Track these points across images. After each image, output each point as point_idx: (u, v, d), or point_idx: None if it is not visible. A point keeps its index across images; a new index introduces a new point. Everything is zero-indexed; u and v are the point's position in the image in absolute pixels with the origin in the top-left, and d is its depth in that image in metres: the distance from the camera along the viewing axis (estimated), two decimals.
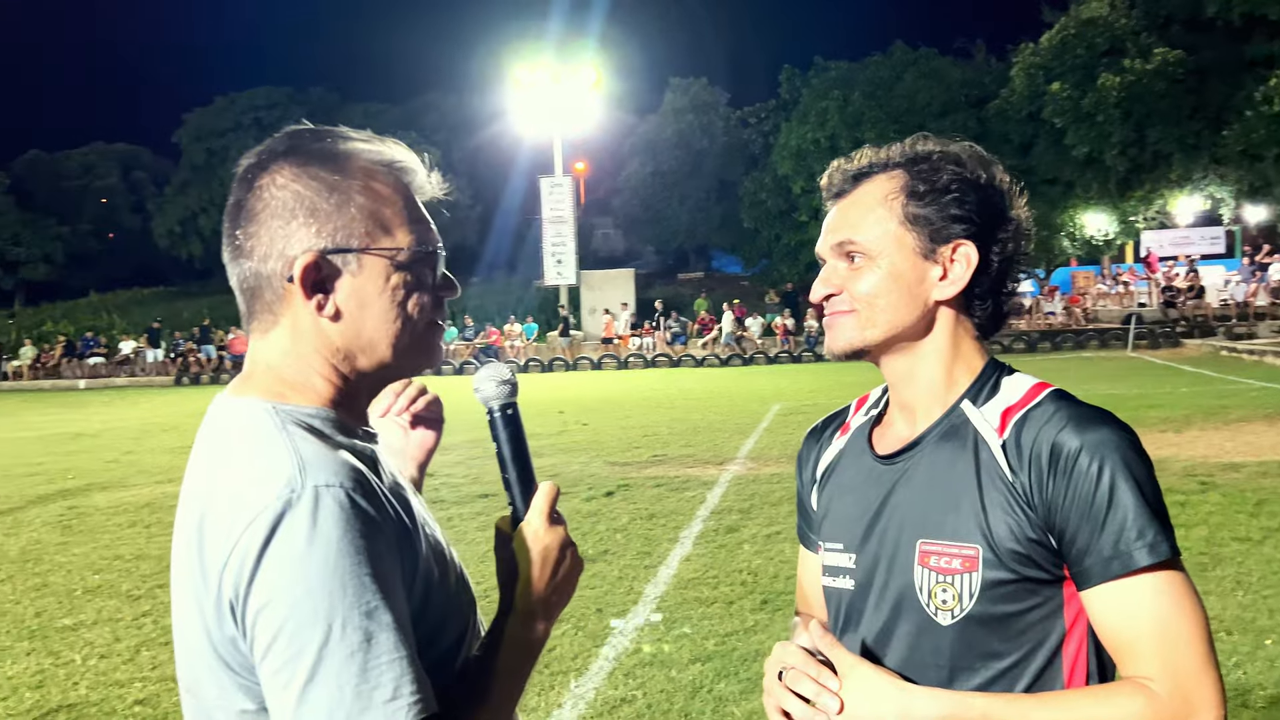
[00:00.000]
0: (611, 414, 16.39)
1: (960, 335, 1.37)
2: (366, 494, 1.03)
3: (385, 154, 1.17)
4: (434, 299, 1.18)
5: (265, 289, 1.13)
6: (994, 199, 1.36)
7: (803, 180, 37.42)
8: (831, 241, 1.38)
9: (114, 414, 21.17)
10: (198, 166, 51.85)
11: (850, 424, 1.53)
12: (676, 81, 45.12)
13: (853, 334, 1.36)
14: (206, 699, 1.08)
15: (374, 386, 1.20)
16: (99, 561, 7.15)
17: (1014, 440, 1.28)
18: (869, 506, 1.39)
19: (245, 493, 1.01)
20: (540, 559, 1.17)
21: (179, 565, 1.11)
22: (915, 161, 1.36)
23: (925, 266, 1.33)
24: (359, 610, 0.96)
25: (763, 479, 9.43)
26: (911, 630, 1.31)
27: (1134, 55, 31.79)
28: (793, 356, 30.90)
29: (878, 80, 37.83)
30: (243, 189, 1.14)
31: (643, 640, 5.06)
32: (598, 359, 31.88)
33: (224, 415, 1.13)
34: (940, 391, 1.37)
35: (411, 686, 0.98)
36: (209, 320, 37.67)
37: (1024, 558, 1.24)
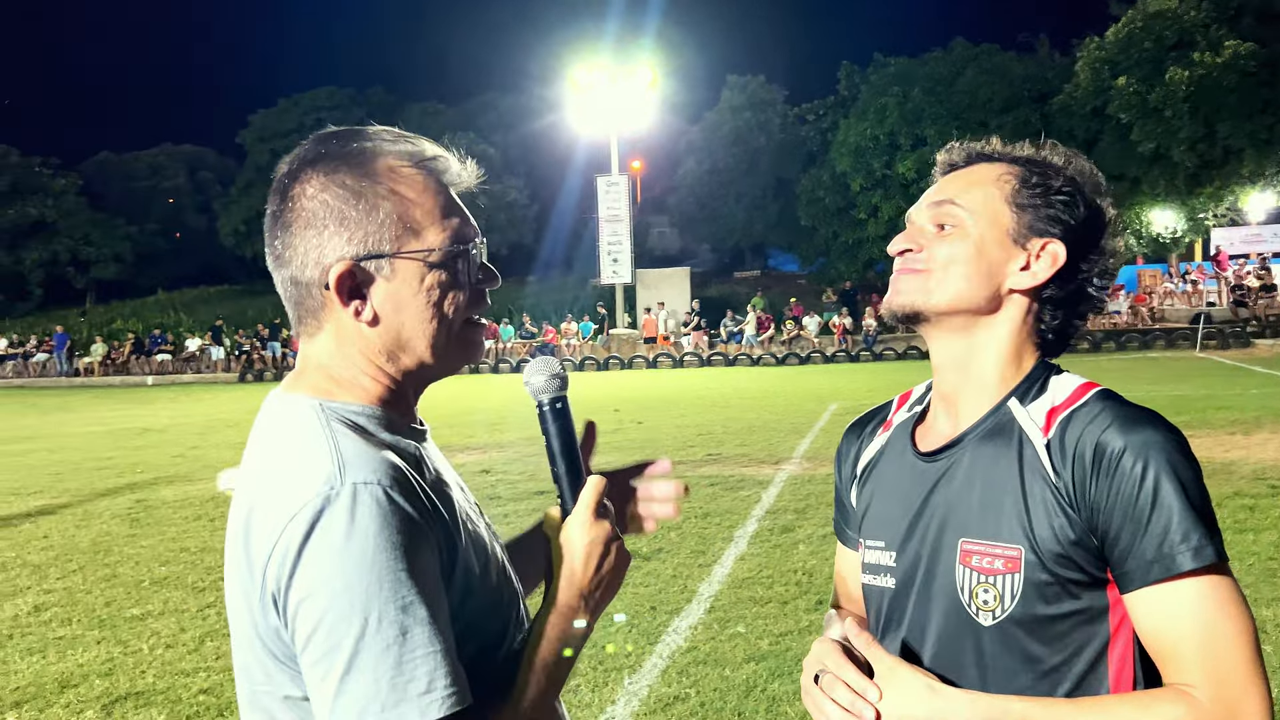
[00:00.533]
0: (666, 412, 16.39)
1: (1022, 334, 1.35)
2: (405, 491, 1.05)
3: (413, 151, 1.18)
4: (471, 294, 1.19)
5: (306, 296, 1.16)
6: (1097, 222, 1.36)
7: (861, 177, 37.10)
8: (929, 201, 1.38)
9: (180, 410, 21.68)
10: (261, 167, 52.74)
11: (893, 420, 1.51)
12: (734, 79, 44.99)
13: (917, 294, 1.34)
14: (255, 683, 1.12)
15: (419, 383, 1.22)
16: (166, 554, 7.33)
17: (1058, 440, 1.26)
18: (911, 504, 1.37)
19: (288, 489, 1.04)
20: (584, 553, 1.18)
21: (230, 556, 1.14)
22: (1031, 162, 1.37)
23: (1011, 251, 1.33)
24: (394, 605, 0.99)
25: (818, 479, 9.37)
26: (952, 630, 1.30)
27: (1204, 48, 31.01)
28: (850, 356, 30.65)
29: (938, 76, 37.35)
30: (277, 199, 1.17)
31: (697, 639, 5.06)
32: (653, 357, 31.89)
33: (275, 412, 1.16)
34: (988, 386, 1.35)
35: (446, 680, 1.00)
36: (278, 319, 38.37)
37: (1067, 560, 1.22)
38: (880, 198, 37.16)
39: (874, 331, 31.75)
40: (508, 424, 14.94)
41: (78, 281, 54.70)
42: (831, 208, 39.17)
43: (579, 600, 1.17)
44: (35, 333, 41.10)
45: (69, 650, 5.18)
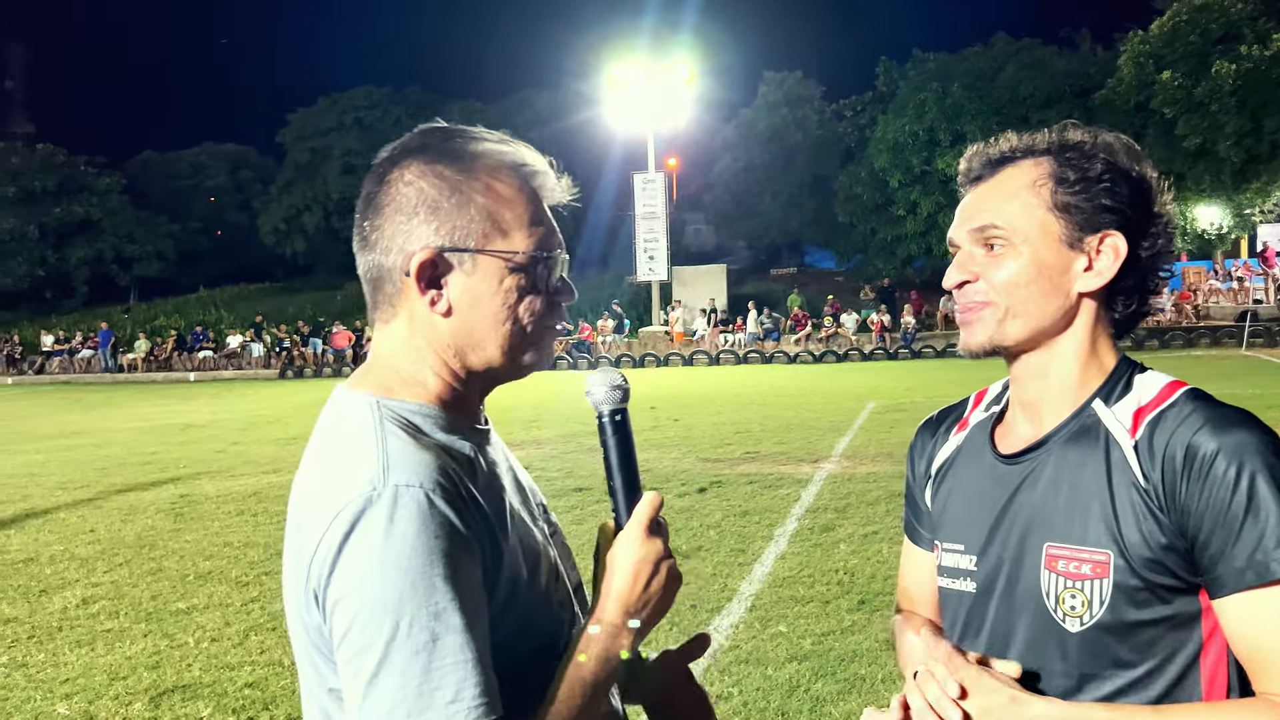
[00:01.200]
0: (703, 410, 16.35)
1: (1098, 332, 1.31)
2: (448, 495, 1.04)
3: (514, 156, 1.19)
4: (548, 303, 1.19)
5: (386, 281, 1.17)
6: (1145, 192, 1.30)
7: (900, 174, 36.78)
8: (969, 226, 1.32)
9: (221, 406, 21.94)
10: (301, 165, 53.33)
11: (969, 420, 1.48)
12: (770, 75, 44.80)
13: (992, 329, 1.30)
14: (308, 676, 1.14)
15: (485, 385, 1.21)
16: (209, 548, 7.41)
17: (1147, 441, 1.22)
18: (992, 507, 1.34)
19: (334, 488, 1.05)
20: (633, 570, 1.15)
21: (286, 551, 1.15)
22: (1064, 149, 1.30)
23: (1070, 256, 1.28)
24: (427, 610, 0.99)
25: (858, 478, 9.30)
26: (1037, 636, 1.26)
27: (1251, 41, 30.45)
28: (888, 353, 30.42)
29: (978, 72, 36.96)
30: (374, 182, 1.18)
31: (739, 638, 5.03)
32: (689, 355, 31.85)
33: (335, 408, 1.17)
34: (1071, 390, 1.31)
35: (474, 690, 0.99)
36: (320, 316, 38.77)
37: (1157, 564, 1.19)
38: (919, 194, 36.83)
39: (912, 329, 31.50)
40: (544, 421, 14.97)
41: (121, 279, 55.54)
42: (869, 204, 38.88)
43: (622, 617, 1.14)
44: (80, 330, 41.79)
45: (117, 643, 5.25)
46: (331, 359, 34.73)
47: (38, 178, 52.47)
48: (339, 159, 51.96)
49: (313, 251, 53.91)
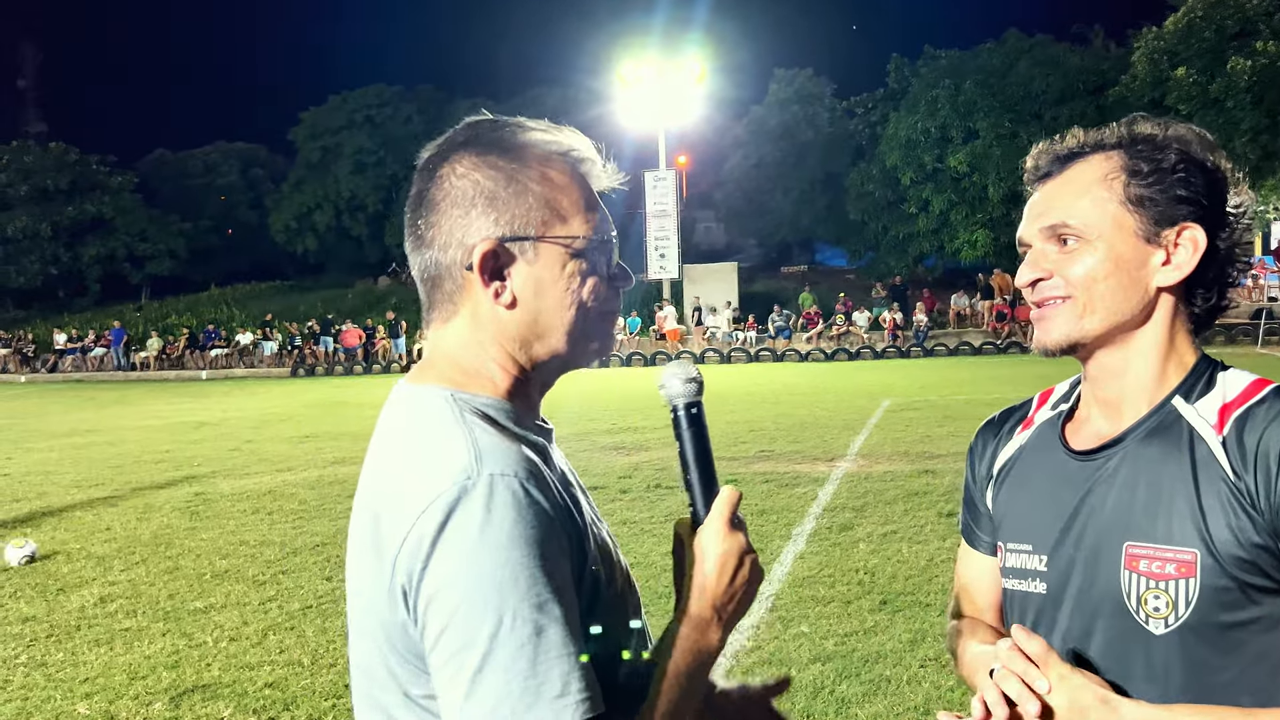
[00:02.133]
0: (716, 409, 16.27)
1: (1177, 327, 1.27)
2: (540, 485, 1.02)
3: (562, 143, 1.18)
4: (610, 288, 1.18)
5: (445, 278, 1.15)
6: (1220, 183, 1.26)
7: (912, 171, 36.65)
8: (1040, 225, 1.29)
9: (234, 404, 21.97)
10: (312, 164, 53.39)
11: (1034, 419, 1.44)
12: (781, 73, 44.70)
13: (1070, 325, 1.26)
14: (375, 681, 1.10)
15: (548, 376, 1.20)
16: (225, 546, 7.40)
17: (1235, 438, 1.18)
18: (1064, 506, 1.30)
19: (422, 479, 1.01)
20: (718, 564, 1.14)
21: (355, 548, 1.12)
22: (1135, 142, 1.26)
23: (1147, 250, 1.24)
24: (529, 602, 0.95)
25: (875, 477, 9.24)
26: (1117, 638, 1.22)
27: (1267, 37, 30.20)
28: (901, 352, 30.33)
29: (990, 68, 36.79)
30: (424, 179, 1.16)
31: (760, 638, 4.99)
32: (700, 353, 31.79)
33: (404, 402, 1.14)
34: (1150, 387, 1.27)
35: (580, 684, 0.96)
36: (330, 314, 38.82)
37: (1248, 564, 1.15)
38: (931, 191, 36.68)
39: (925, 327, 31.39)
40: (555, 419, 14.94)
41: (134, 277, 55.69)
42: (881, 202, 38.75)
43: (711, 612, 1.12)
44: (93, 328, 41.93)
45: (135, 642, 5.24)
46: (343, 357, 34.77)
47: (50, 177, 52.61)
48: (350, 157, 52.02)
49: (323, 250, 53.99)
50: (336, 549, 7.16)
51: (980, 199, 35.92)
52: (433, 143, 1.19)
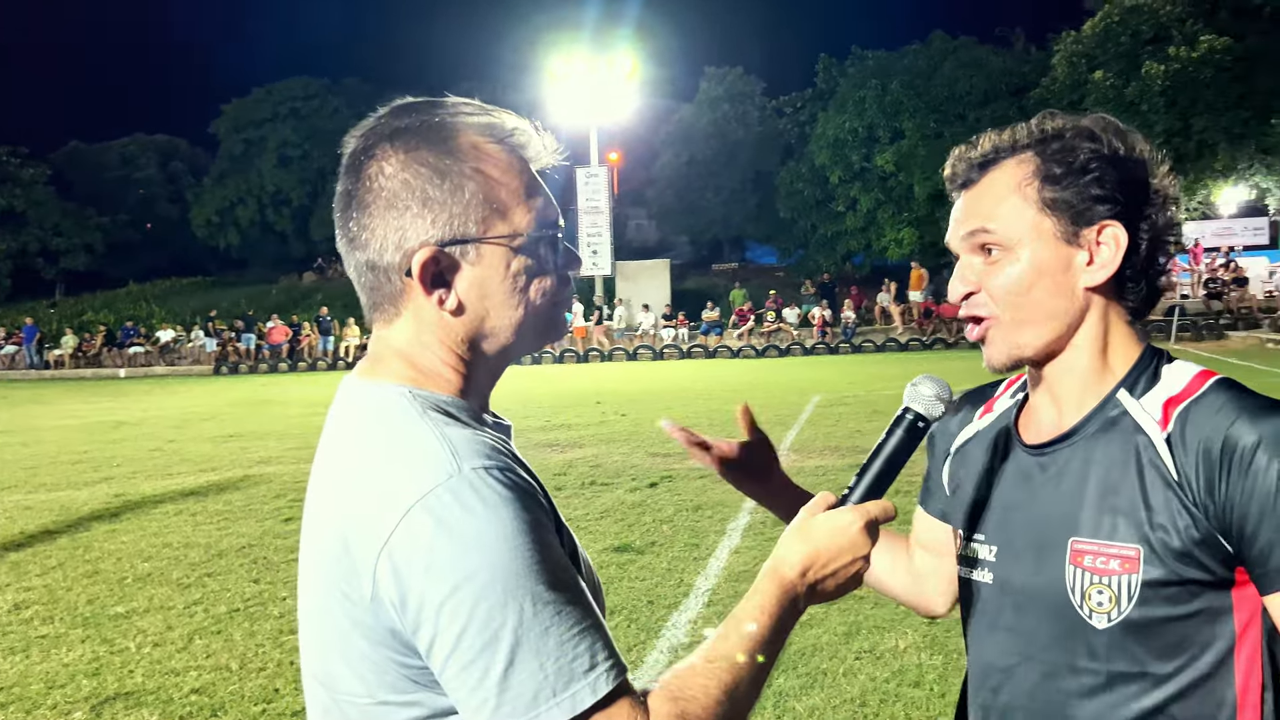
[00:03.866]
0: (650, 404, 16.31)
1: (1113, 321, 1.28)
2: (521, 470, 1.01)
3: (495, 124, 1.12)
4: (558, 279, 1.14)
5: (384, 282, 1.09)
6: (1136, 172, 1.25)
7: (840, 170, 37.13)
8: (963, 233, 1.29)
9: (154, 403, 21.38)
10: (235, 157, 52.27)
11: (994, 405, 1.45)
12: (711, 71, 44.92)
13: (1008, 346, 1.27)
14: (339, 691, 1.05)
15: (497, 370, 1.16)
16: (148, 549, 7.18)
17: (1179, 435, 1.18)
18: (1014, 499, 1.31)
19: (397, 479, 0.97)
20: (835, 547, 1.12)
21: (315, 555, 1.07)
22: (1046, 141, 1.26)
23: (1069, 252, 1.24)
24: (544, 584, 0.94)
25: (808, 471, 9.32)
26: (1061, 632, 1.23)
27: (1180, 42, 31.23)
28: (830, 348, 30.70)
29: (916, 69, 37.43)
30: (351, 178, 1.10)
31: (698, 633, 4.99)
32: (632, 350, 31.82)
33: (359, 399, 1.09)
34: (1093, 382, 1.27)
35: (605, 652, 0.95)
36: (252, 310, 37.97)
37: (1189, 559, 1.16)
38: (859, 190, 37.22)
39: (852, 324, 31.81)
40: None
41: (47, 273, 53.94)
42: (810, 200, 39.20)
43: (803, 583, 1.11)
44: (4, 325, 40.45)
45: (53, 649, 5.05)
46: (268, 354, 34.08)
47: None
48: (274, 151, 51.03)
49: (247, 245, 52.89)
50: (264, 550, 7.00)
51: (906, 198, 36.53)
52: (356, 131, 1.12)
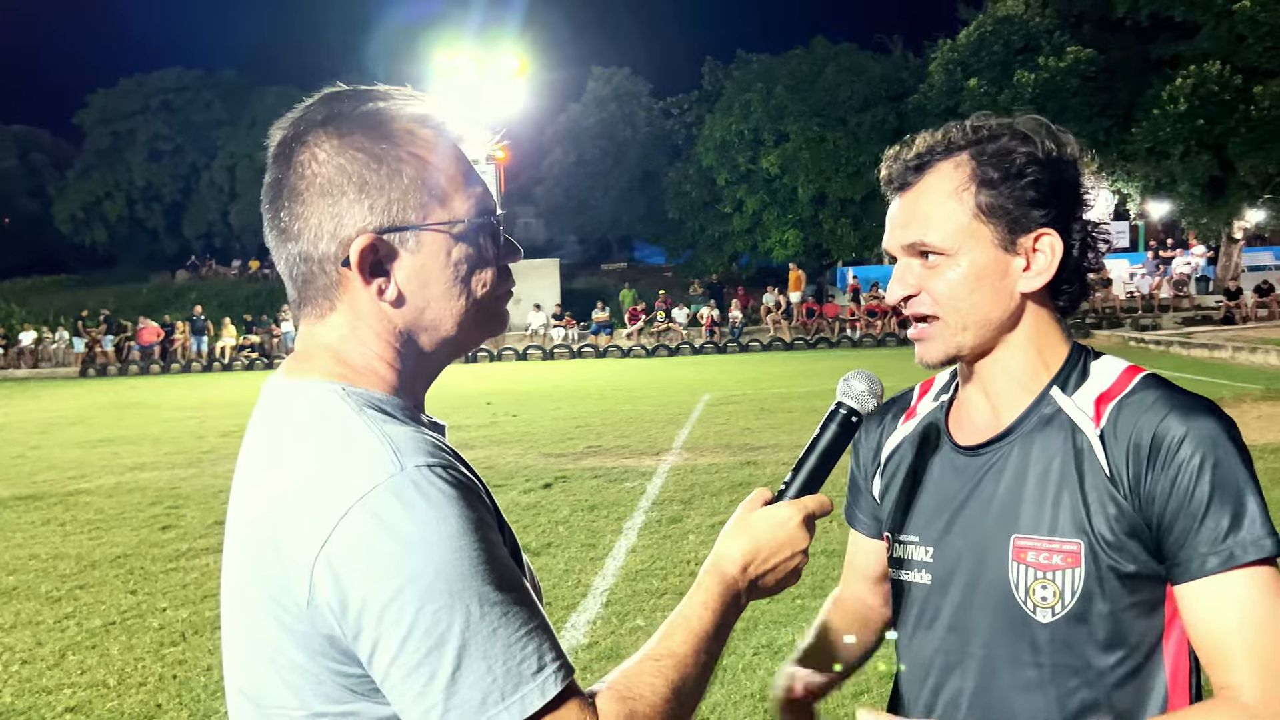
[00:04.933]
0: (541, 405, 16.22)
1: (1045, 320, 1.30)
2: (463, 468, 0.97)
3: (428, 113, 1.08)
4: (498, 270, 1.10)
5: (318, 274, 1.04)
6: (1069, 175, 1.27)
7: (727, 172, 37.58)
8: (902, 241, 1.29)
9: (16, 407, 20.26)
10: (102, 150, 49.96)
11: (916, 410, 1.45)
12: (599, 70, 44.91)
13: (946, 344, 1.28)
14: (269, 704, 1.00)
15: (434, 368, 1.12)
16: (13, 562, 6.79)
17: (1112, 431, 1.21)
18: (950, 499, 1.32)
19: (334, 479, 0.92)
20: (774, 544, 1.13)
21: (241, 563, 1.01)
22: (981, 143, 1.26)
23: (1006, 259, 1.25)
24: (492, 585, 0.91)
25: (700, 469, 9.40)
26: (1004, 628, 1.25)
27: (1048, 53, 32.58)
28: (718, 347, 31.05)
29: (799, 74, 38.14)
30: (281, 165, 1.04)
31: (596, 634, 4.97)
32: (522, 349, 31.61)
33: (287, 398, 1.03)
34: (1027, 381, 1.30)
35: (553, 653, 0.93)
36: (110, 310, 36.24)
37: (1124, 552, 1.19)
38: (745, 192, 37.74)
39: (740, 323, 32.23)
40: None
41: None
42: (698, 201, 39.57)
43: (745, 580, 1.11)
44: None
45: None
46: (138, 356, 32.65)
47: None
48: (144, 144, 48.97)
49: (115, 242, 50.63)
50: (140, 560, 6.69)
51: (791, 200, 37.21)
52: (285, 120, 1.07)
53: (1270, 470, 8.05)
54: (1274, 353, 18.46)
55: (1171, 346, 22.63)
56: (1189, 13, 30.15)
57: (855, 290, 32.73)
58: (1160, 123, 30.03)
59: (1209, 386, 14.27)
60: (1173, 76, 30.33)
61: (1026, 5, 34.31)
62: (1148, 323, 29.48)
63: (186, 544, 7.13)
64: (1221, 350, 20.30)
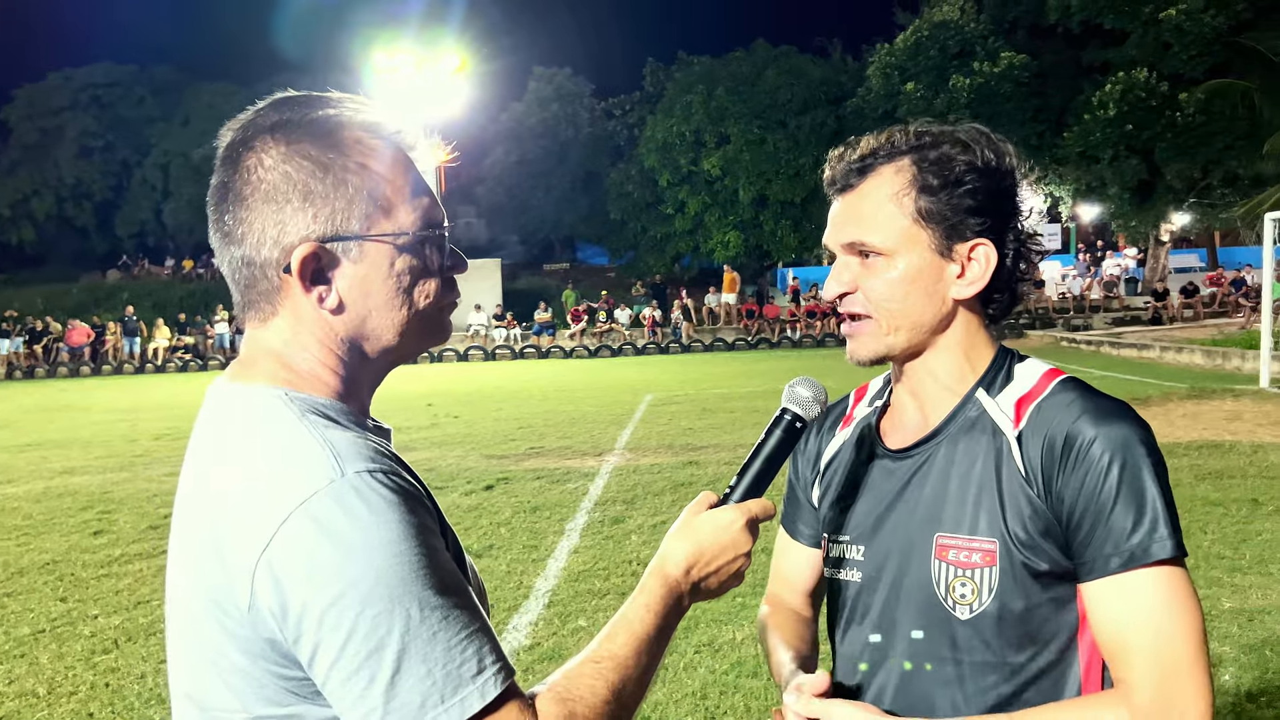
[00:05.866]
0: (483, 406, 16.14)
1: (974, 325, 1.34)
2: (405, 473, 0.99)
3: (379, 122, 1.08)
4: (442, 281, 1.11)
5: (260, 278, 1.04)
6: (1007, 185, 1.31)
7: (668, 173, 37.68)
8: (842, 240, 1.32)
9: None
10: (29, 146, 48.56)
11: (853, 415, 1.49)
12: (540, 70, 44.76)
13: (877, 343, 1.32)
14: (212, 707, 1.00)
15: (378, 375, 1.13)
16: None
17: (1029, 430, 1.25)
18: (881, 499, 1.36)
19: (276, 485, 0.93)
20: (717, 547, 1.15)
21: (185, 567, 1.01)
22: (923, 149, 1.29)
23: (942, 264, 1.29)
24: (430, 589, 0.92)
25: (643, 469, 9.43)
26: (927, 624, 1.28)
27: (983, 58, 33.16)
28: (660, 348, 31.13)
29: (740, 76, 38.38)
30: (228, 169, 1.05)
31: (539, 635, 4.97)
32: (464, 350, 31.40)
33: (231, 402, 1.04)
34: (955, 382, 1.34)
35: (493, 655, 0.95)
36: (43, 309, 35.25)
37: (1039, 551, 1.23)
38: (687, 193, 37.88)
39: (682, 324, 32.36)
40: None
41: None
42: (640, 202, 39.62)
43: (688, 582, 1.13)
44: None
45: None
46: (67, 357, 31.83)
47: None
48: (74, 141, 47.72)
49: (43, 240, 49.22)
50: (70, 567, 6.54)
51: (732, 202, 37.43)
52: (234, 123, 1.07)
53: (1195, 467, 8.30)
54: (1199, 352, 19.01)
55: (1102, 346, 23.19)
56: (1118, 20, 30.89)
57: (795, 291, 33.07)
58: (1091, 127, 30.73)
59: (1137, 385, 14.66)
60: (1103, 83, 31.04)
61: (962, 11, 34.89)
62: (1079, 323, 30.16)
63: (119, 549, 6.98)
64: (1149, 350, 20.85)
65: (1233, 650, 4.41)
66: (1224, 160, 29.58)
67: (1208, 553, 5.84)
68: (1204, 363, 18.34)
